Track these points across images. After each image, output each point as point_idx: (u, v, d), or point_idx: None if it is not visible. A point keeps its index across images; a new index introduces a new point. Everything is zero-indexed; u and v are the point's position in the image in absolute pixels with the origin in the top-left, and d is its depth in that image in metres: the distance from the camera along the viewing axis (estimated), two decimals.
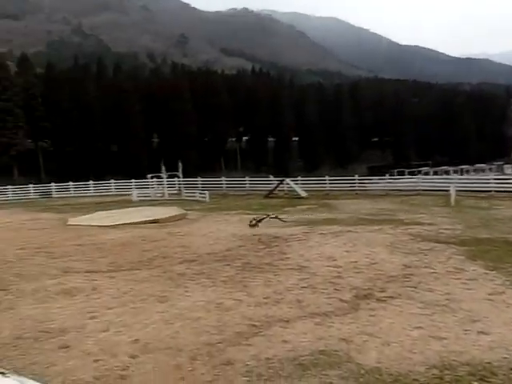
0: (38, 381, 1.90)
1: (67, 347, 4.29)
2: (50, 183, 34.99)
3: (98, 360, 3.99)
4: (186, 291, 6.07)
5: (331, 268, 7.01)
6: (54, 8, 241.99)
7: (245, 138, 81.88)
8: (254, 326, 4.70)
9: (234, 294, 5.84)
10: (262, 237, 10.00)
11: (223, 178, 30.37)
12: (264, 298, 5.60)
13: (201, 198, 23.65)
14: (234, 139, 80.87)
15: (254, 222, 11.99)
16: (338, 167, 71.83)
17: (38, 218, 16.81)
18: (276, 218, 12.78)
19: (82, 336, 4.55)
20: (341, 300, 5.43)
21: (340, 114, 77.99)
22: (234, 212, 16.47)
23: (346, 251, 8.19)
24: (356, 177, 26.80)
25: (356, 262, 7.34)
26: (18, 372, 1.80)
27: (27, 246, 10.05)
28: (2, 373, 1.73)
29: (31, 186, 34.67)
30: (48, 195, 32.90)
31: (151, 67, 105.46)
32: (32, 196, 33.06)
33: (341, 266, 7.07)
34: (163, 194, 26.98)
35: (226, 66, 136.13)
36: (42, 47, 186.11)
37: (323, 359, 3.87)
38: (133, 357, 4.04)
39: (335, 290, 5.88)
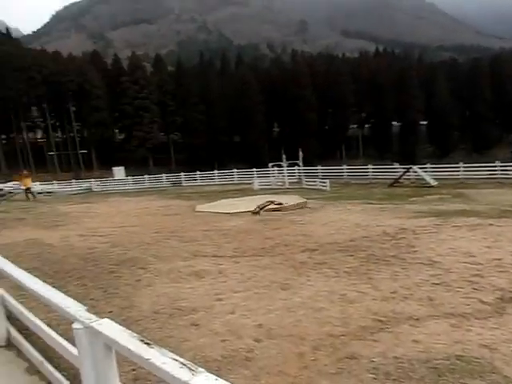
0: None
1: (197, 325, 4.60)
2: (179, 173, 38.25)
3: (224, 340, 4.21)
4: (309, 280, 6.04)
5: (468, 265, 6.35)
6: (183, 9, 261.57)
7: (367, 125, 78.88)
8: (380, 321, 4.49)
9: (359, 286, 5.66)
10: (387, 228, 9.53)
11: (344, 167, 29.73)
12: (391, 293, 5.31)
13: (321, 187, 23.48)
14: (355, 126, 78.50)
15: (257, 209, 11.78)
16: (472, 153, 65.01)
17: (170, 204, 18.39)
18: (280, 204, 12.38)
19: (210, 316, 4.85)
20: (481, 301, 4.88)
21: (477, 92, 69.78)
22: (356, 201, 15.99)
23: (487, 247, 7.33)
24: (497, 163, 23.90)
25: (500, 259, 6.52)
26: (157, 343, 1.97)
27: (161, 230, 11.00)
28: (148, 343, 1.90)
29: (164, 175, 38.32)
30: (178, 183, 36.03)
31: (271, 57, 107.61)
32: (164, 184, 36.56)
33: (481, 264, 6.36)
34: (284, 182, 27.37)
35: (347, 48, 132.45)
36: (173, 47, 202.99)
37: (461, 366, 3.51)
38: (257, 340, 4.17)
39: (474, 289, 5.30)
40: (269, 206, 12.86)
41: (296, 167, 29.91)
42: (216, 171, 37.10)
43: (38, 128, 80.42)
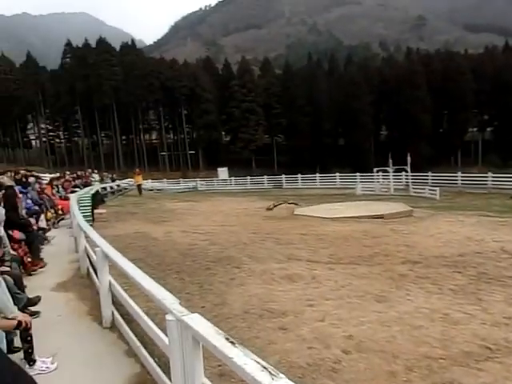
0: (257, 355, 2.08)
1: (285, 329, 4.60)
2: (281, 175, 38.80)
3: (311, 347, 4.14)
4: (408, 294, 5.71)
5: None
6: (293, 12, 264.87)
7: (489, 128, 71.82)
8: (489, 348, 4.05)
9: (465, 306, 5.17)
10: (506, 244, 8.58)
11: (459, 174, 27.47)
12: (504, 318, 4.76)
13: (430, 195, 22.04)
14: (475, 129, 71.87)
15: (271, 206, 10.99)
16: None
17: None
18: (295, 204, 12.23)
19: (300, 321, 4.81)
20: None
21: None
22: (469, 213, 14.69)
23: None
24: None
25: None
26: (244, 343, 2.01)
27: (259, 231, 11.27)
28: (232, 342, 1.95)
29: (265, 177, 39.19)
30: (279, 186, 36.59)
31: (384, 56, 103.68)
32: (266, 186, 37.36)
33: None
34: (388, 188, 26.28)
35: (471, 44, 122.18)
36: (282, 50, 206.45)
37: None
38: (346, 352, 4.04)
39: None
40: (282, 205, 13.13)
41: (403, 173, 28.46)
42: (318, 174, 36.98)
43: (153, 130, 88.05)
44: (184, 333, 2.39)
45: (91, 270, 6.32)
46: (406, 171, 28.22)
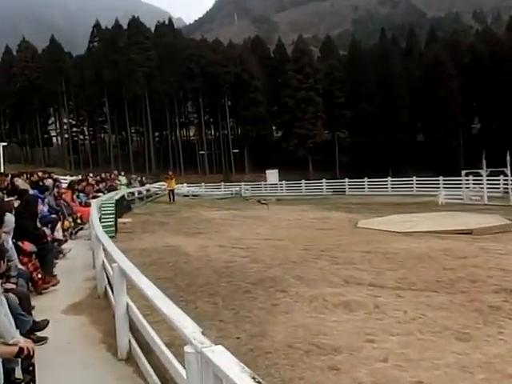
0: None
1: (337, 370, 4.52)
2: (343, 179, 38.50)
3: None
4: (500, 333, 5.48)
5: None
6: None
7: None
8: None
9: None
10: None
11: None
12: None
13: None
14: None
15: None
16: None
17: (326, 216, 18.77)
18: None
19: (356, 361, 4.71)
20: None
21: None
22: None
23: None
24: None
25: None
26: None
27: (312, 246, 11.28)
28: (259, 383, 1.93)
29: (324, 181, 39.03)
30: (341, 192, 36.32)
31: (478, 29, 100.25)
32: (324, 192, 37.22)
33: None
34: (481, 197, 25.57)
35: None
36: (348, 25, 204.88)
37: None
38: None
39: None
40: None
41: (501, 177, 27.38)
42: (390, 178, 36.45)
43: (191, 125, 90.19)
44: (205, 368, 2.39)
45: (109, 289, 6.51)
46: (506, 175, 27.08)
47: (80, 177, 24.73)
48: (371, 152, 67.88)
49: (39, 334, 5.18)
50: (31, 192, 10.03)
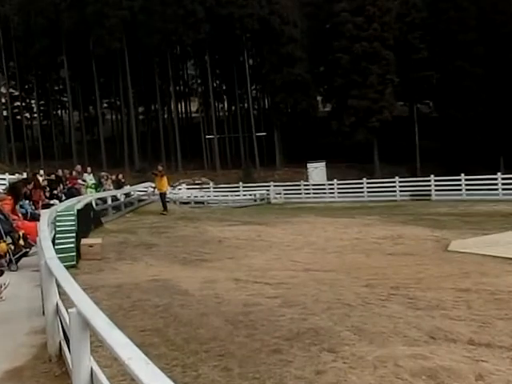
0: None
1: None
2: (427, 176, 38.17)
3: None
4: None
5: None
6: None
7: None
8: None
9: None
10: None
11: None
12: None
13: None
14: None
15: None
16: None
17: (400, 234, 18.69)
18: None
19: None
20: None
21: None
22: None
23: None
24: None
25: None
26: None
27: (377, 281, 11.28)
28: None
29: (397, 179, 38.74)
30: (424, 196, 35.98)
31: None
32: (398, 196, 36.96)
33: None
34: None
35: None
36: None
37: None
38: None
39: None
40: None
41: None
42: (500, 175, 36.00)
43: (193, 96, 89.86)
44: None
45: (65, 348, 6.48)
46: None
47: (25, 175, 24.97)
48: (470, 134, 66.90)
49: None
50: None
